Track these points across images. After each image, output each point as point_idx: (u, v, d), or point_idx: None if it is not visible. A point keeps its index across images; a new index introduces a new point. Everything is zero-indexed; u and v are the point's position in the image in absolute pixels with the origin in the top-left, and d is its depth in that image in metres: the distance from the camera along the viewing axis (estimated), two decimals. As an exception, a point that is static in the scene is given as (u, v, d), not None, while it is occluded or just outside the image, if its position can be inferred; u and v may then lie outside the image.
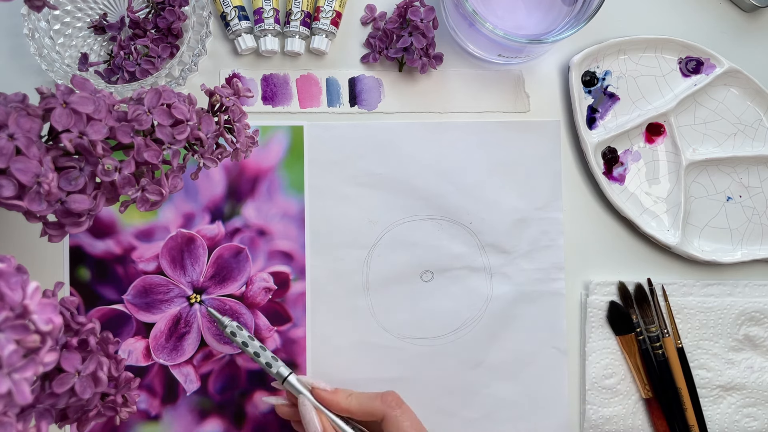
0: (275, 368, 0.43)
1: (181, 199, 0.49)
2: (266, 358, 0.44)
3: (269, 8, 0.48)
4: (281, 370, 0.43)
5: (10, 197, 0.29)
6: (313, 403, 0.42)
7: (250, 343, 0.44)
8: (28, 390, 0.25)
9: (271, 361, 0.43)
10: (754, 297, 0.50)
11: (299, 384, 0.43)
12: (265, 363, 0.43)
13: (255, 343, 0.44)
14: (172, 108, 0.33)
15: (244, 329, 0.44)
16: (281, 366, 0.43)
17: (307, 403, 0.42)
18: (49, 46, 0.47)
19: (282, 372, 0.43)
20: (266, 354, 0.44)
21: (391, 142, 0.50)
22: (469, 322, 0.49)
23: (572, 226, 0.51)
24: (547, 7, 0.48)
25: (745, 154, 0.51)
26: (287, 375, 0.43)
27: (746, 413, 0.50)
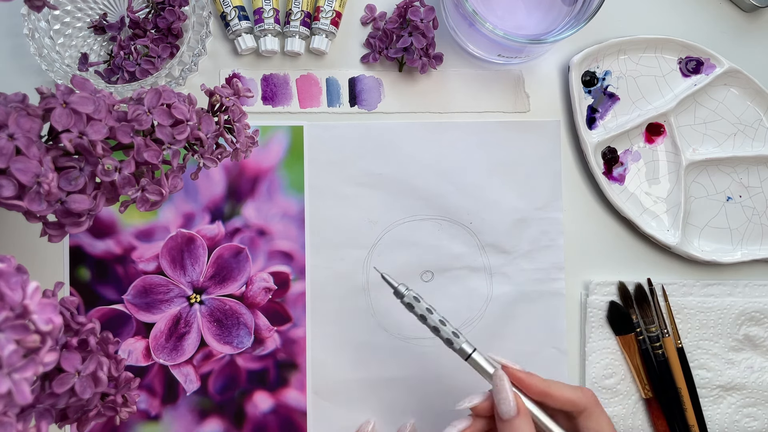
0: (457, 344, 0.39)
1: (181, 199, 0.49)
2: (447, 333, 0.39)
3: (269, 8, 0.48)
4: (464, 346, 0.39)
5: (10, 197, 0.29)
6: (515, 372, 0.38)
7: (428, 316, 0.39)
8: (28, 390, 0.25)
9: (452, 337, 0.39)
10: (754, 297, 0.50)
11: (486, 362, 0.39)
12: (445, 339, 0.39)
13: (434, 317, 0.39)
14: (172, 108, 0.33)
15: (422, 300, 0.40)
16: (464, 342, 0.39)
17: (501, 376, 0.38)
18: (49, 46, 0.47)
19: (465, 348, 0.39)
20: (446, 329, 0.39)
21: (391, 142, 0.50)
22: (469, 322, 0.49)
23: (572, 226, 0.51)
24: (547, 7, 0.48)
25: (745, 154, 0.51)
26: (471, 352, 0.39)
27: (746, 413, 0.50)
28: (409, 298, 0.40)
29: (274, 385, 0.48)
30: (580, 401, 0.38)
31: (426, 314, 0.40)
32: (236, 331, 0.48)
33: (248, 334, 0.48)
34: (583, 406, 0.38)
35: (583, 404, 0.38)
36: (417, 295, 0.40)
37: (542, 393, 0.38)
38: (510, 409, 0.37)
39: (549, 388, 0.38)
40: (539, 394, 0.38)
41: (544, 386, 0.38)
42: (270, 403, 0.48)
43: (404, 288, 0.41)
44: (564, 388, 0.39)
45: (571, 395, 0.38)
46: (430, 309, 0.40)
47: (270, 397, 0.48)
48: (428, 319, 0.40)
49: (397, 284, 0.41)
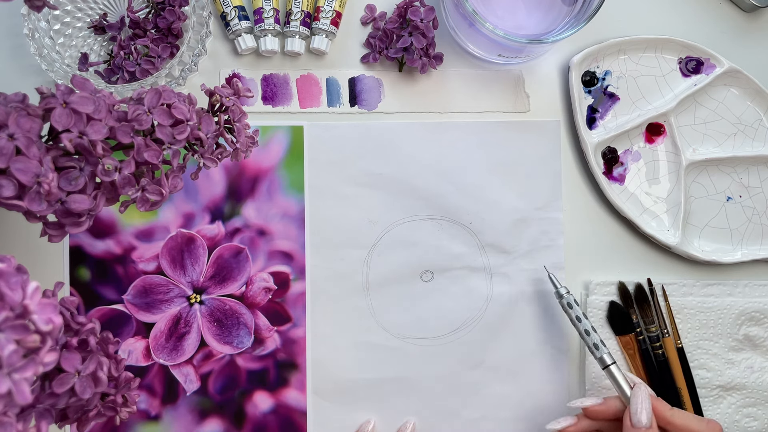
0: (600, 353, 0.44)
1: (181, 199, 0.49)
2: (594, 339, 0.44)
3: (269, 8, 0.48)
4: (605, 357, 0.44)
5: (10, 197, 0.29)
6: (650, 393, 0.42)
7: (582, 320, 0.45)
8: (28, 390, 0.25)
9: (599, 344, 0.44)
10: (754, 297, 0.50)
11: (621, 376, 0.43)
12: (592, 344, 0.44)
13: (587, 322, 0.45)
14: (172, 108, 0.33)
15: (579, 305, 0.46)
16: (606, 353, 0.44)
17: (645, 391, 0.41)
18: (49, 46, 0.47)
19: (606, 359, 0.44)
20: (595, 336, 0.44)
21: (391, 142, 0.50)
22: (469, 322, 0.49)
23: (572, 226, 0.51)
24: (547, 7, 0.48)
25: (745, 154, 0.51)
26: (610, 363, 0.44)
27: (746, 413, 0.50)
28: (569, 300, 0.46)
29: (274, 385, 0.48)
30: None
31: (582, 317, 0.45)
32: (236, 331, 0.48)
33: (248, 334, 0.48)
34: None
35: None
36: (576, 300, 0.46)
37: (666, 419, 0.41)
38: (647, 420, 0.40)
39: (673, 417, 0.41)
40: (662, 420, 0.41)
41: (668, 414, 0.41)
42: (270, 403, 0.48)
43: (565, 290, 0.46)
44: (689, 418, 0.41)
45: (696, 426, 0.41)
46: (586, 315, 0.46)
47: (270, 397, 0.48)
48: (582, 322, 0.45)
49: (560, 286, 0.47)
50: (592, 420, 0.44)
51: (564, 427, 0.43)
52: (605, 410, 0.43)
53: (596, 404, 0.43)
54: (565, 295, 0.46)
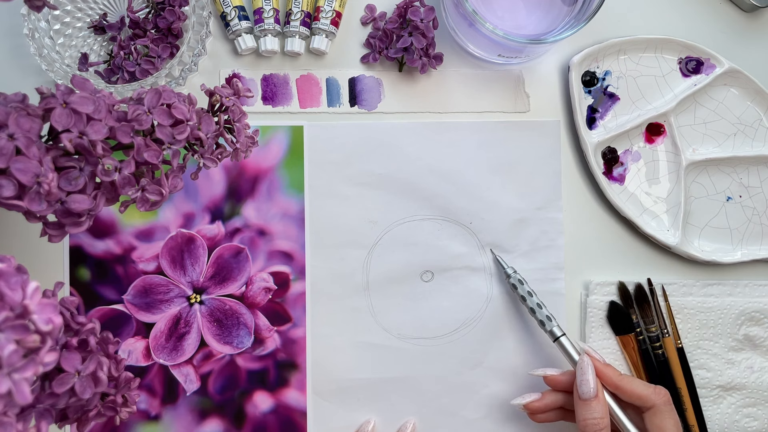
0: (549, 327, 0.46)
1: (181, 199, 0.49)
2: (542, 315, 0.46)
3: (269, 8, 0.48)
4: (554, 329, 0.45)
5: (10, 197, 0.29)
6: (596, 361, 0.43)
7: (528, 298, 0.47)
8: (28, 390, 0.25)
9: (545, 320, 0.46)
10: (754, 297, 0.50)
11: (571, 346, 0.45)
12: (539, 320, 0.46)
13: (534, 300, 0.46)
14: (172, 108, 0.33)
15: (527, 284, 0.47)
16: (555, 326, 0.46)
17: (587, 361, 0.43)
18: (49, 46, 0.47)
19: (555, 332, 0.45)
20: (542, 311, 0.46)
21: (391, 142, 0.50)
22: (469, 322, 0.49)
23: (572, 226, 0.51)
24: (547, 7, 0.48)
25: (745, 154, 0.51)
26: (560, 335, 0.45)
27: (746, 413, 0.50)
28: (515, 279, 0.47)
29: (274, 385, 0.48)
30: (649, 398, 0.42)
31: (527, 296, 0.47)
32: (236, 331, 0.48)
33: (248, 334, 0.48)
34: (652, 403, 0.42)
35: (652, 401, 0.42)
36: (522, 279, 0.48)
37: (612, 385, 0.43)
38: (590, 390, 0.42)
39: (621, 381, 0.43)
40: (612, 386, 0.43)
41: (617, 379, 0.43)
42: (270, 403, 0.48)
43: (512, 271, 0.48)
44: (636, 383, 0.43)
45: (643, 391, 0.42)
46: (531, 293, 0.47)
47: (270, 397, 0.48)
48: (527, 300, 0.47)
49: (506, 266, 0.48)
50: (553, 390, 0.45)
51: (529, 401, 0.45)
52: (564, 380, 0.44)
53: (556, 373, 0.45)
54: (512, 274, 0.48)
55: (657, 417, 0.42)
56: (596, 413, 0.41)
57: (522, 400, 0.45)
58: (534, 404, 0.44)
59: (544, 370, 0.45)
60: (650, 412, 0.42)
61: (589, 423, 0.41)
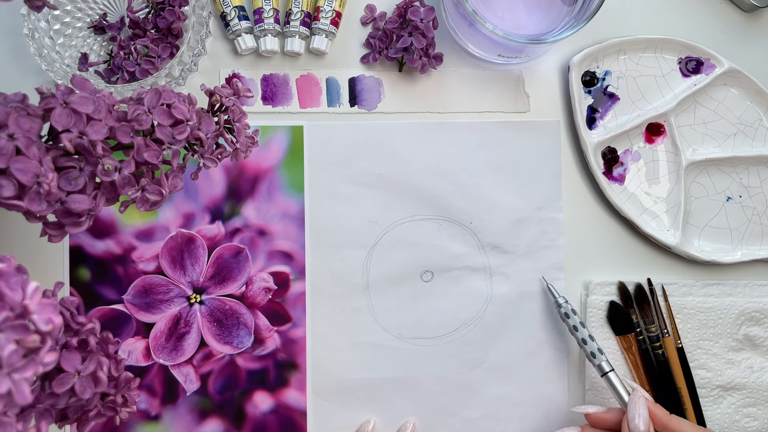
0: (598, 360, 0.45)
1: (181, 199, 0.49)
2: (592, 347, 0.45)
3: (269, 8, 0.48)
4: (603, 364, 0.45)
5: (10, 197, 0.29)
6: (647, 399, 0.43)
7: (580, 329, 0.46)
8: (28, 390, 0.25)
9: (596, 352, 0.45)
10: (754, 297, 0.50)
11: (619, 382, 0.44)
12: (590, 352, 0.45)
13: (585, 331, 0.46)
14: (172, 108, 0.33)
15: (577, 314, 0.47)
16: (604, 360, 0.45)
17: (641, 397, 0.42)
18: (49, 46, 0.47)
19: (604, 366, 0.45)
20: (593, 344, 0.45)
21: (391, 142, 0.50)
22: (469, 322, 0.49)
23: (572, 226, 0.51)
24: (547, 7, 0.48)
25: (745, 154, 0.51)
26: (609, 371, 0.45)
27: (746, 413, 0.50)
28: (567, 309, 0.47)
29: (274, 385, 0.48)
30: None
31: (579, 327, 0.46)
32: (236, 331, 0.48)
33: (248, 334, 0.48)
34: None
35: None
36: (575, 309, 0.47)
37: (664, 425, 0.42)
38: (644, 426, 0.41)
39: (670, 422, 0.42)
40: (661, 425, 0.42)
41: (666, 419, 0.42)
42: (270, 403, 0.48)
43: (563, 300, 0.47)
44: (685, 424, 0.42)
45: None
46: (583, 324, 0.46)
47: (270, 397, 0.48)
48: (579, 331, 0.46)
49: (558, 296, 0.48)
50: (594, 428, 0.44)
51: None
52: (608, 418, 0.44)
53: (599, 411, 0.44)
54: (564, 304, 0.47)
55: None
56: None
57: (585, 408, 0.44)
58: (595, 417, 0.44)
59: (586, 408, 0.44)
60: None
61: None
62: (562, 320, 0.47)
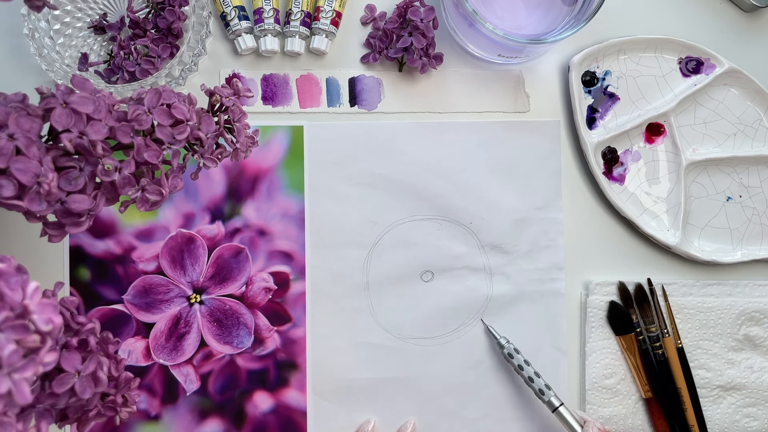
0: (547, 396, 0.46)
1: (181, 199, 0.49)
2: (539, 384, 0.46)
3: (269, 8, 0.48)
4: (552, 399, 0.46)
5: (10, 197, 0.29)
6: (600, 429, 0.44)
7: (525, 367, 0.47)
8: (28, 390, 0.25)
9: (544, 389, 0.46)
10: (754, 297, 0.50)
11: (570, 416, 0.46)
12: (538, 389, 0.46)
13: (530, 369, 0.47)
14: (172, 108, 0.33)
15: (520, 353, 0.47)
16: (553, 396, 0.46)
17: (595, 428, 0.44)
18: (49, 46, 0.47)
19: (553, 402, 0.46)
20: (539, 381, 0.46)
21: (391, 142, 0.50)
22: (469, 322, 0.49)
23: (572, 226, 0.51)
24: (547, 7, 0.48)
25: (745, 154, 0.51)
26: (558, 405, 0.46)
27: (746, 413, 0.50)
28: (509, 349, 0.47)
29: (274, 385, 0.48)
30: None
31: (524, 365, 0.47)
32: (236, 331, 0.48)
33: (248, 334, 0.48)
34: None
35: None
36: (516, 348, 0.48)
37: None
38: None
39: None
40: None
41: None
42: (270, 403, 0.48)
43: (505, 341, 0.48)
44: None
45: None
46: (527, 361, 0.47)
47: (270, 397, 0.48)
48: (524, 370, 0.47)
49: (499, 337, 0.48)
50: None
51: None
52: None
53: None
54: (506, 345, 0.48)
55: None
56: None
57: None
58: None
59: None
60: None
61: None
62: (506, 360, 0.48)
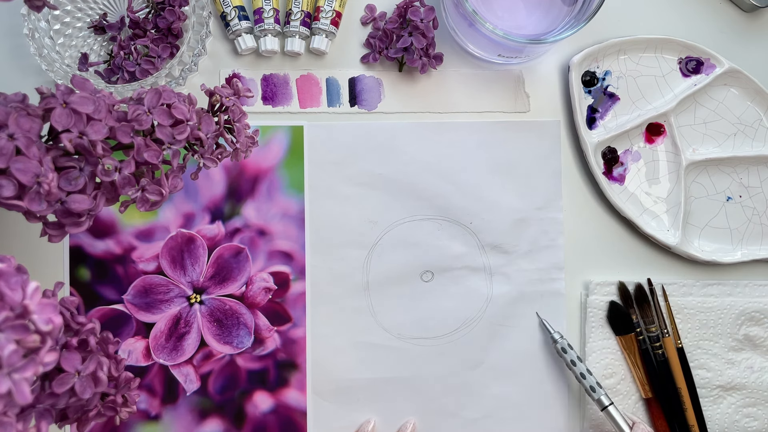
0: (597, 395, 0.46)
1: (181, 199, 0.49)
2: (591, 382, 0.46)
3: (269, 8, 0.48)
4: (602, 398, 0.46)
5: (10, 197, 0.29)
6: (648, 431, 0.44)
7: (578, 363, 0.46)
8: (28, 390, 0.25)
9: (596, 386, 0.46)
10: (754, 297, 0.50)
11: (620, 416, 0.45)
12: (588, 386, 0.46)
13: (582, 365, 0.46)
14: (172, 108, 0.33)
15: (573, 349, 0.47)
16: (603, 395, 0.46)
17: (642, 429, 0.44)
18: (49, 46, 0.47)
19: (603, 401, 0.46)
20: (591, 378, 0.46)
21: (391, 142, 0.50)
22: (469, 322, 0.49)
23: (572, 226, 0.51)
24: (547, 7, 0.48)
25: (745, 154, 0.51)
26: (608, 404, 0.45)
27: (746, 413, 0.50)
28: (563, 344, 0.47)
29: (274, 385, 0.48)
30: None
31: (576, 361, 0.47)
32: (236, 331, 0.48)
33: (248, 334, 0.48)
34: None
35: None
36: (570, 344, 0.47)
37: None
38: None
39: None
40: None
41: None
42: (270, 403, 0.48)
43: (559, 335, 0.48)
44: None
45: None
46: (580, 358, 0.47)
47: (270, 397, 0.48)
48: (577, 366, 0.47)
49: (553, 332, 0.48)
50: None
51: None
52: None
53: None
54: (559, 339, 0.47)
55: None
56: None
57: None
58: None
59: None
60: None
61: None
62: (558, 355, 0.48)
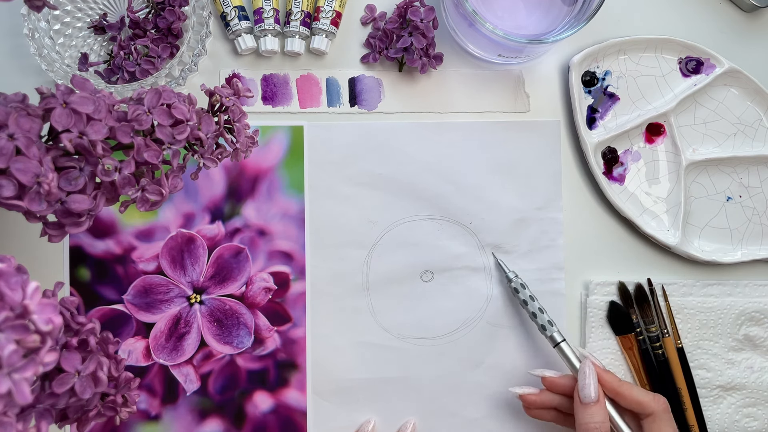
0: (550, 332, 0.46)
1: (181, 199, 0.49)
2: (542, 320, 0.46)
3: (269, 8, 0.48)
4: (555, 335, 0.46)
5: (10, 197, 0.29)
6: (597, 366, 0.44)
7: (530, 303, 0.47)
8: (28, 390, 0.25)
9: (547, 324, 0.46)
10: (754, 297, 0.50)
11: (571, 352, 0.45)
12: (540, 324, 0.46)
13: (535, 304, 0.47)
14: (172, 108, 0.33)
15: (528, 288, 0.47)
16: (555, 331, 0.46)
17: (589, 366, 0.43)
18: (49, 46, 0.47)
19: (555, 337, 0.46)
20: (543, 317, 0.46)
21: (391, 142, 0.50)
22: (469, 322, 0.49)
23: (572, 226, 0.51)
24: (547, 7, 0.48)
25: (745, 154, 0.51)
26: (560, 341, 0.45)
27: (746, 413, 0.50)
28: (516, 284, 0.47)
29: (274, 385, 0.48)
30: (648, 405, 0.42)
31: (528, 301, 0.47)
32: (236, 331, 0.48)
33: (248, 334, 0.48)
34: (651, 410, 0.42)
35: (651, 408, 0.42)
36: (524, 283, 0.48)
37: (615, 391, 0.43)
38: (592, 394, 0.42)
39: (621, 387, 0.43)
40: (612, 392, 0.43)
41: (617, 385, 0.43)
42: (270, 403, 0.48)
43: (513, 275, 0.48)
44: (636, 390, 0.43)
45: (642, 398, 0.42)
46: (533, 297, 0.47)
47: (270, 397, 0.48)
48: (528, 305, 0.47)
49: (508, 271, 0.48)
50: (550, 392, 0.45)
51: (525, 393, 0.45)
52: (562, 383, 0.45)
53: (555, 376, 0.45)
54: (514, 279, 0.48)
55: (655, 424, 0.42)
56: (597, 417, 0.41)
57: (519, 390, 0.45)
58: (530, 397, 0.45)
59: (542, 371, 0.45)
60: (649, 419, 0.42)
61: (591, 427, 0.41)
62: (512, 294, 0.48)
